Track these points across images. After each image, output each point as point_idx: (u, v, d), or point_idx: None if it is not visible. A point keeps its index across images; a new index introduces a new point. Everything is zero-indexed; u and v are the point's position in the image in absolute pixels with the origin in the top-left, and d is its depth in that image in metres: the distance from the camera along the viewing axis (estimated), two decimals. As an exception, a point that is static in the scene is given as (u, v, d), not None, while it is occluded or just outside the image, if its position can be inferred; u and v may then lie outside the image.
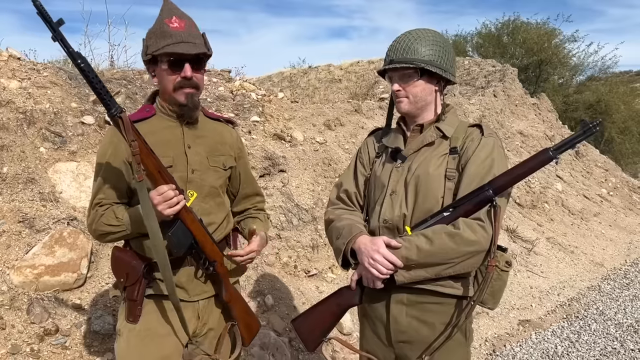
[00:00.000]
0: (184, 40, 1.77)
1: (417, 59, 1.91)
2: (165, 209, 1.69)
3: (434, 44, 1.94)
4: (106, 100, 1.62)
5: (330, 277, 4.30)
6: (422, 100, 1.97)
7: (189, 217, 1.79)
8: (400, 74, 1.96)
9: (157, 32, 1.78)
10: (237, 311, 2.02)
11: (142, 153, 1.67)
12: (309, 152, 5.23)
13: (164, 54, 1.77)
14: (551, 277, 6.08)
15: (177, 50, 1.76)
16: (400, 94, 1.98)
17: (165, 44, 1.76)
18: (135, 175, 1.66)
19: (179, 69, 1.79)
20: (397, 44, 1.97)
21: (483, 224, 1.80)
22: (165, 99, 1.89)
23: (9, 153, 3.52)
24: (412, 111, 2.00)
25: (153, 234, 1.69)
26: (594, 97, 18.38)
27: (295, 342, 3.48)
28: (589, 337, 4.66)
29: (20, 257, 3.04)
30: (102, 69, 4.96)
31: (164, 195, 1.69)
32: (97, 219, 1.82)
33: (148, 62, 1.85)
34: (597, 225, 8.55)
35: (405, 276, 1.84)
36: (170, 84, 1.81)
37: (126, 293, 1.84)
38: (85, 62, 1.56)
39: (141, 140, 1.68)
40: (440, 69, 1.92)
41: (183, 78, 1.79)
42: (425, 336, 1.93)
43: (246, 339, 2.07)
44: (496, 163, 1.89)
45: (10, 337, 2.72)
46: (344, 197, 2.17)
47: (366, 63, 15.55)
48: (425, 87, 1.96)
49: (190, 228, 1.80)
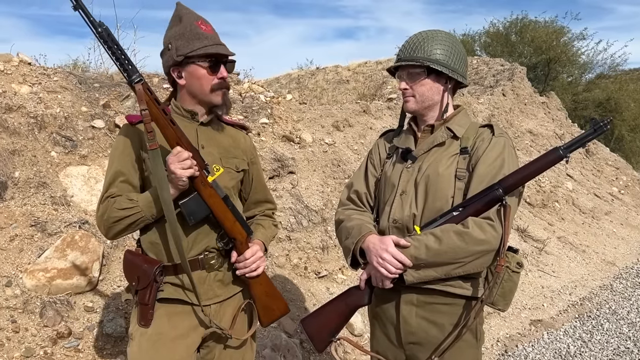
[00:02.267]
0: (218, 42, 1.83)
1: (424, 57, 1.92)
2: (177, 168, 1.69)
3: (443, 44, 1.95)
4: (126, 67, 1.66)
5: (340, 279, 4.30)
6: (429, 100, 1.97)
7: (207, 191, 1.79)
8: (407, 72, 1.98)
9: (187, 34, 1.80)
10: (257, 291, 1.99)
11: (160, 124, 1.71)
12: (318, 154, 5.24)
13: (203, 55, 1.80)
14: (563, 277, 6.04)
15: (219, 51, 1.81)
16: (407, 93, 1.99)
17: (202, 45, 1.79)
18: (147, 144, 1.68)
19: (216, 71, 1.83)
20: (407, 43, 1.99)
21: (493, 223, 1.79)
22: (191, 100, 1.89)
23: (21, 158, 3.55)
24: (418, 110, 2.00)
25: (165, 204, 1.70)
26: (604, 95, 18.28)
27: (307, 343, 3.49)
28: (602, 336, 4.62)
29: (33, 261, 3.06)
30: (112, 72, 4.99)
31: (178, 155, 1.70)
32: (110, 207, 1.78)
33: (174, 64, 1.83)
34: (609, 224, 8.49)
35: (415, 276, 1.83)
36: (208, 85, 1.84)
37: (138, 297, 1.84)
38: (106, 30, 1.60)
39: (159, 110, 1.70)
40: (447, 69, 1.92)
41: (220, 79, 1.84)
42: (434, 337, 1.92)
43: (263, 320, 2.04)
44: (507, 163, 1.88)
45: (24, 340, 2.75)
46: (355, 197, 2.17)
47: (374, 64, 15.53)
48: (432, 87, 1.96)
49: (207, 201, 1.79)
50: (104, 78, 4.61)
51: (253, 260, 1.92)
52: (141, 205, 1.77)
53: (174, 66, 1.84)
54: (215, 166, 1.89)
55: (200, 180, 1.78)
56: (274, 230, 2.21)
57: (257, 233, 2.06)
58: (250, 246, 1.94)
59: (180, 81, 1.86)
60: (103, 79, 4.58)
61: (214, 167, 1.88)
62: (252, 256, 1.92)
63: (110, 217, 1.79)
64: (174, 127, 1.74)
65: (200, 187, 1.78)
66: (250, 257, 1.91)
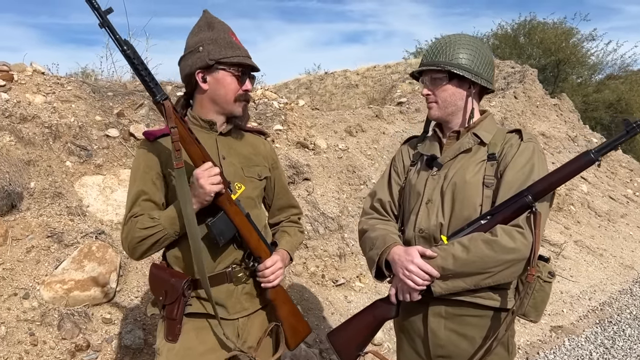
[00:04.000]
0: (248, 55, 1.85)
1: (446, 62, 1.88)
2: (206, 183, 1.67)
3: (467, 48, 1.90)
4: (151, 87, 1.66)
5: (358, 287, 4.25)
6: (452, 105, 1.93)
7: (233, 209, 1.77)
8: (430, 77, 1.93)
9: (220, 41, 1.80)
10: (283, 312, 1.96)
11: (185, 142, 1.69)
12: (333, 160, 5.19)
13: (235, 64, 1.80)
14: (581, 281, 5.95)
15: (250, 64, 1.83)
16: (430, 99, 1.95)
17: (235, 55, 1.80)
18: (174, 162, 1.66)
19: (243, 81, 1.84)
20: (431, 48, 1.95)
21: (522, 230, 1.73)
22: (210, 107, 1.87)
23: (36, 168, 3.54)
24: (441, 117, 1.96)
25: (189, 222, 1.67)
26: (614, 96, 18.12)
27: (326, 353, 3.44)
28: (624, 342, 4.53)
29: (50, 272, 3.04)
30: (125, 80, 4.98)
31: (209, 170, 1.69)
32: (132, 227, 1.76)
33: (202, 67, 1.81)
34: (625, 226, 8.37)
35: (442, 287, 1.78)
36: (233, 94, 1.84)
37: (165, 311, 1.80)
38: (131, 48, 1.60)
39: (185, 128, 1.69)
40: (470, 73, 1.87)
41: (245, 91, 1.85)
42: (464, 350, 1.87)
43: (290, 342, 2.00)
44: (536, 168, 1.82)
45: (42, 353, 2.72)
46: (378, 206, 2.12)
47: (383, 68, 15.47)
48: (454, 92, 1.91)
49: (233, 220, 1.77)
50: (117, 86, 4.60)
51: (272, 270, 1.88)
52: (163, 223, 1.74)
53: (201, 69, 1.80)
54: (237, 184, 1.86)
55: (226, 198, 1.76)
56: (300, 236, 2.17)
57: (282, 241, 2.03)
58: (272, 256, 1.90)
59: (203, 85, 1.82)
60: (116, 87, 4.56)
61: (236, 185, 1.85)
62: (271, 266, 1.88)
63: (133, 238, 1.76)
64: (200, 145, 1.73)
65: (226, 205, 1.76)
66: (270, 266, 1.87)
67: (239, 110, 1.87)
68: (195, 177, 1.69)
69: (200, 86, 1.83)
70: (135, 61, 1.62)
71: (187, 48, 1.85)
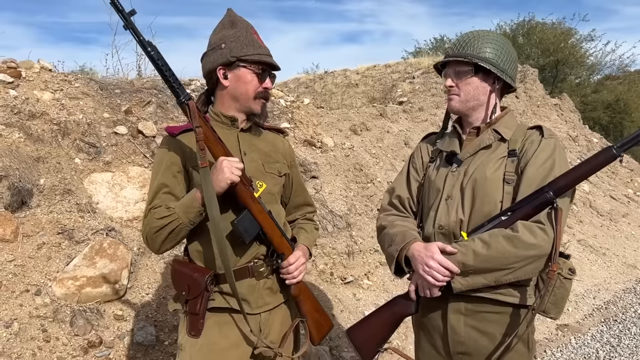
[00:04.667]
0: (270, 54, 1.87)
1: (473, 55, 1.88)
2: (227, 170, 1.68)
3: (494, 44, 1.90)
4: (175, 88, 1.67)
5: (366, 284, 4.25)
6: (474, 99, 1.92)
7: (257, 207, 1.78)
8: (454, 70, 1.93)
9: (243, 39, 1.81)
10: (306, 308, 1.97)
11: (209, 140, 1.70)
12: (340, 158, 5.19)
13: (257, 62, 1.82)
14: (585, 280, 5.97)
15: (272, 62, 1.85)
16: (453, 91, 1.94)
17: (257, 52, 1.81)
18: (199, 162, 1.66)
19: (263, 79, 1.85)
20: (458, 40, 1.96)
21: (543, 226, 1.72)
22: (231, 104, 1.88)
23: (45, 165, 3.52)
24: (462, 110, 1.95)
25: (212, 218, 1.67)
26: (612, 96, 18.16)
27: (336, 351, 3.44)
28: (630, 341, 4.55)
29: (61, 269, 3.03)
30: (131, 78, 4.96)
31: (234, 161, 1.70)
32: (151, 218, 1.77)
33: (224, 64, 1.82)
34: (627, 226, 8.40)
35: (463, 283, 1.78)
36: (253, 91, 1.85)
37: (188, 307, 1.80)
38: (155, 49, 1.61)
39: (208, 127, 1.71)
40: (496, 68, 1.87)
41: (265, 88, 1.86)
42: (484, 347, 1.86)
43: (315, 337, 2.01)
44: (557, 165, 1.81)
45: (55, 349, 2.71)
46: (397, 203, 2.12)
47: (383, 67, 15.44)
48: (478, 86, 1.91)
49: (257, 218, 1.78)
50: (125, 84, 4.58)
51: (296, 266, 1.89)
52: (177, 212, 1.74)
53: (223, 65, 1.82)
54: (259, 182, 1.87)
55: (249, 196, 1.77)
56: (316, 233, 2.19)
57: (300, 237, 2.04)
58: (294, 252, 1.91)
59: (224, 82, 1.84)
60: (124, 84, 4.55)
61: (257, 183, 1.86)
62: (295, 262, 1.89)
63: (151, 229, 1.77)
64: (222, 143, 1.74)
65: (250, 203, 1.77)
66: (294, 262, 1.88)
67: (258, 108, 1.88)
68: (219, 161, 1.70)
69: (222, 83, 1.84)
70: (159, 62, 1.63)
71: (210, 45, 1.86)
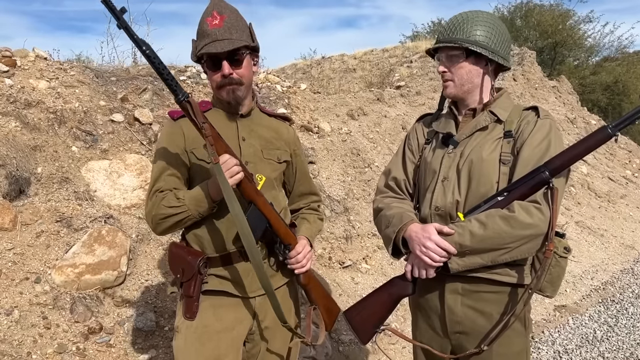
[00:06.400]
0: (218, 38, 1.75)
1: (462, 38, 1.86)
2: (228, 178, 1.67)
3: (484, 25, 1.88)
4: (173, 86, 1.65)
5: (364, 268, 4.27)
6: (468, 83, 1.91)
7: (261, 200, 1.79)
8: (446, 55, 1.92)
9: (199, 32, 1.80)
10: (316, 295, 1.98)
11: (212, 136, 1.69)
12: (337, 143, 5.19)
13: (203, 55, 1.78)
14: (583, 262, 6.00)
15: (210, 51, 1.75)
16: (446, 76, 1.93)
17: (203, 44, 1.77)
18: (211, 158, 1.65)
19: (218, 68, 1.78)
20: (447, 24, 1.93)
21: (539, 206, 1.72)
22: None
23: (42, 153, 3.52)
24: (458, 94, 1.94)
25: (236, 215, 1.66)
26: (611, 78, 18.08)
27: (335, 334, 3.46)
28: (627, 321, 4.58)
29: (60, 257, 3.04)
30: (127, 66, 4.94)
31: (226, 163, 1.67)
32: (158, 203, 1.77)
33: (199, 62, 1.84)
34: (625, 207, 8.42)
35: (460, 263, 1.78)
36: (214, 83, 1.83)
37: (183, 289, 1.82)
38: (150, 48, 1.58)
39: (209, 124, 1.69)
40: (487, 50, 1.86)
41: (223, 77, 1.79)
42: (482, 326, 1.88)
43: (328, 323, 2.03)
44: (553, 145, 1.81)
45: (56, 336, 2.73)
46: (393, 184, 2.11)
47: (380, 51, 15.37)
48: (471, 69, 1.90)
49: (263, 211, 1.78)
50: (120, 71, 4.56)
51: (304, 254, 1.90)
52: (188, 204, 1.75)
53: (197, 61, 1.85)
54: (259, 176, 1.87)
55: (253, 190, 1.77)
56: (320, 224, 2.16)
57: (301, 227, 2.02)
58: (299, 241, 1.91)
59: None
60: (119, 72, 4.53)
61: (257, 177, 1.86)
62: (301, 251, 1.89)
63: (158, 214, 1.78)
64: (222, 140, 1.72)
65: (255, 197, 1.77)
66: (301, 251, 1.89)
67: (224, 96, 1.83)
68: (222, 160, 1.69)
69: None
70: (155, 61, 1.60)
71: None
